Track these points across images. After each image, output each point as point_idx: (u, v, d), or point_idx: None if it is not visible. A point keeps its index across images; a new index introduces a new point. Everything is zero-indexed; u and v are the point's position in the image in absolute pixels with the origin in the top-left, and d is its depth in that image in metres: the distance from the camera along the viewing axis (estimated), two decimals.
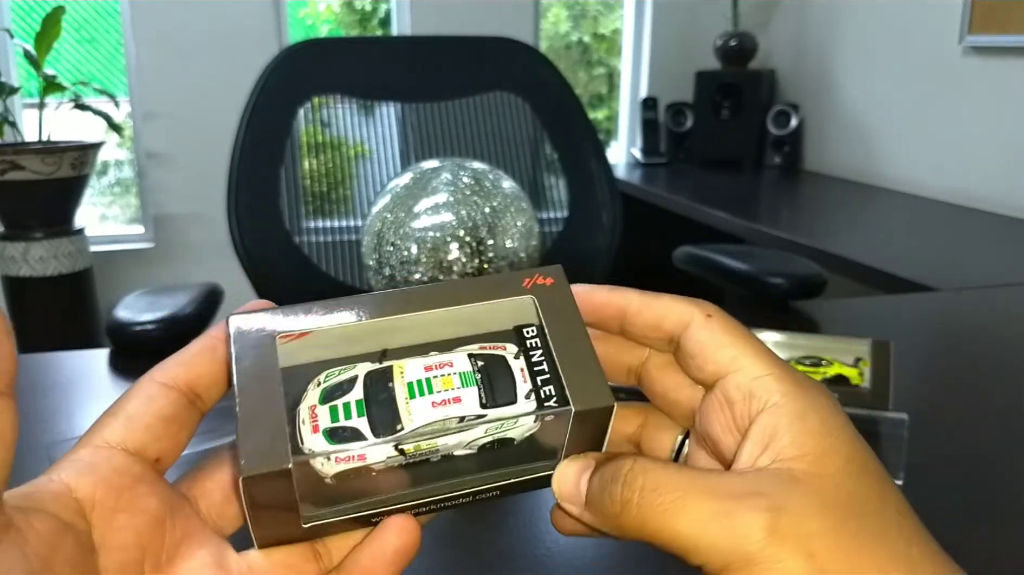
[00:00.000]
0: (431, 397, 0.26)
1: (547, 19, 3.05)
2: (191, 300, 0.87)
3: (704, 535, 0.23)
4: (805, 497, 0.23)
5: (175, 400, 0.26)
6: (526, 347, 0.28)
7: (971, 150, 2.06)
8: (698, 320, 0.28)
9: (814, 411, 0.26)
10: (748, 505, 0.23)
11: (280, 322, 0.26)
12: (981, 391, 0.73)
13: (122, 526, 0.24)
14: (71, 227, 2.43)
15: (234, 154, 1.12)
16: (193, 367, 0.26)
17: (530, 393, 0.27)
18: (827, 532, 0.23)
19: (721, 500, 0.24)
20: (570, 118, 1.24)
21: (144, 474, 0.25)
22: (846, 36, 2.50)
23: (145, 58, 2.64)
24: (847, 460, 0.25)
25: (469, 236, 0.78)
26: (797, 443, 0.25)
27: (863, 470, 0.25)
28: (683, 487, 0.24)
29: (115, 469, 0.24)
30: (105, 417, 0.25)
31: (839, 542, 0.23)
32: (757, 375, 0.26)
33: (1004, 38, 1.94)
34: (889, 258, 1.49)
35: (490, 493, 0.28)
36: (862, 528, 0.23)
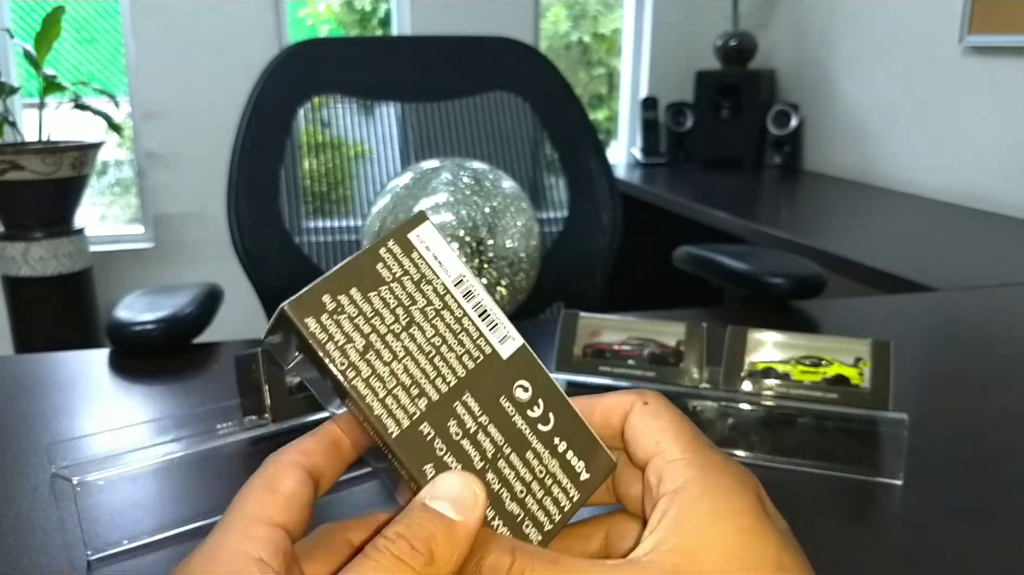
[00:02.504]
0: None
1: (547, 19, 3.05)
2: (191, 300, 0.87)
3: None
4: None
5: (312, 487, 0.27)
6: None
7: (971, 150, 2.06)
8: (636, 407, 0.29)
9: (708, 496, 0.26)
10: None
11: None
12: (981, 391, 0.73)
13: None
14: (71, 227, 2.43)
15: (234, 154, 1.12)
16: (317, 456, 0.27)
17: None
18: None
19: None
20: (570, 118, 1.24)
21: (294, 556, 0.26)
22: (846, 36, 2.50)
23: (145, 58, 2.64)
24: (726, 555, 0.24)
25: (469, 236, 0.78)
26: (677, 532, 0.25)
27: (742, 567, 0.24)
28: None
29: (284, 547, 0.25)
30: (264, 494, 0.26)
31: None
32: (671, 458, 0.27)
33: (1004, 38, 1.94)
34: (889, 258, 1.49)
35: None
36: None
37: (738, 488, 0.26)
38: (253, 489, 0.26)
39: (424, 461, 0.26)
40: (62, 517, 0.51)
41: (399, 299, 0.27)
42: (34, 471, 0.58)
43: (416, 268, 0.28)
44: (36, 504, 0.53)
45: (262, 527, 0.25)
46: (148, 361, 0.79)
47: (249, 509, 0.25)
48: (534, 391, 0.29)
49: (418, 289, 0.28)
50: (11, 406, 0.70)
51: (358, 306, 0.27)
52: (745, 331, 0.63)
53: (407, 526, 0.24)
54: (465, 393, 0.28)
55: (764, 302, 0.97)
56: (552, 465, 0.29)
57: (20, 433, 0.64)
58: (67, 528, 0.50)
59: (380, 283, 0.27)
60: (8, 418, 0.67)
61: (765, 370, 0.62)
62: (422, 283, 0.28)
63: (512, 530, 0.27)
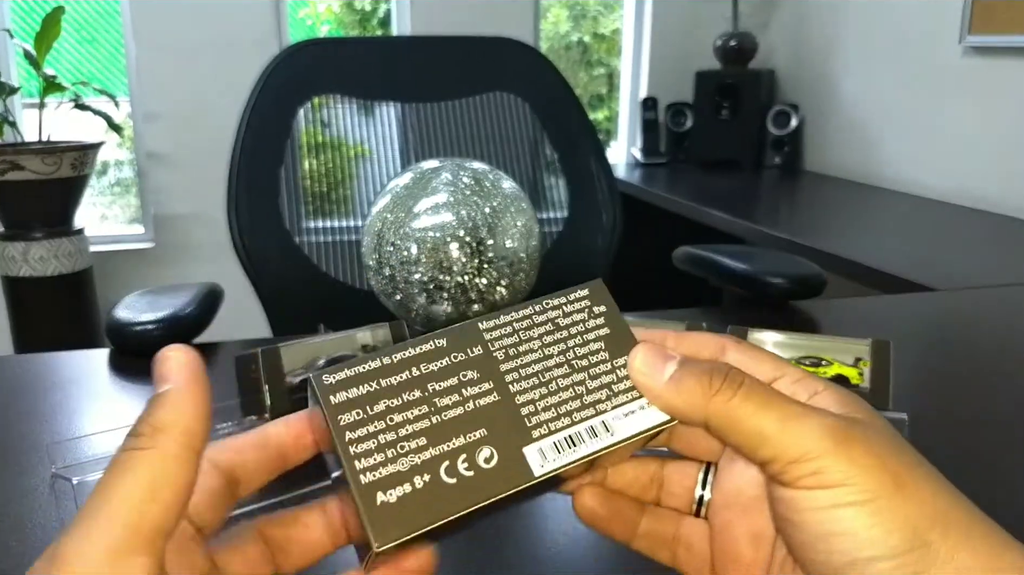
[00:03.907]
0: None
1: (547, 19, 3.05)
2: (191, 300, 0.87)
3: (786, 429, 0.26)
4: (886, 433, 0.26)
5: (222, 483, 0.28)
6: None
7: (971, 150, 2.06)
8: (730, 344, 0.30)
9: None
10: (834, 415, 0.26)
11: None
12: (981, 391, 0.73)
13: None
14: (71, 227, 2.43)
15: (234, 154, 1.12)
16: (241, 455, 0.28)
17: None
18: (908, 456, 0.26)
19: (810, 407, 0.26)
20: (570, 118, 1.24)
21: (199, 542, 0.27)
22: (846, 36, 2.50)
23: (145, 58, 2.64)
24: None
25: (469, 236, 0.78)
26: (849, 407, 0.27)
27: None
28: (773, 392, 0.27)
29: (182, 533, 0.26)
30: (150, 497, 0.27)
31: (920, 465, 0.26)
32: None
33: (1004, 38, 1.94)
34: (889, 258, 1.49)
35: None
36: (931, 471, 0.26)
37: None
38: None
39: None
40: (62, 517, 0.51)
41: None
42: (34, 471, 0.58)
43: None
44: (36, 504, 0.53)
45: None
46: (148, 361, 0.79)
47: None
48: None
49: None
50: (11, 406, 0.70)
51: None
52: (745, 331, 0.63)
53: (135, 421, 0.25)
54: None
55: (764, 302, 0.97)
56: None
57: (20, 433, 0.64)
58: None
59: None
60: (8, 418, 0.67)
61: None
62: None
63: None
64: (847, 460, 0.25)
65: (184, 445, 0.23)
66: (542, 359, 0.29)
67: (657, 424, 0.29)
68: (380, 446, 0.26)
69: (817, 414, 0.26)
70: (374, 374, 0.27)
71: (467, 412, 0.27)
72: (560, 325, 0.30)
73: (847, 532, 0.25)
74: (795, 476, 0.25)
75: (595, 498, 0.31)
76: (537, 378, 0.29)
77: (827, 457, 0.25)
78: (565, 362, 0.29)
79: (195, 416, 0.24)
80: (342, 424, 0.26)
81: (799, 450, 0.25)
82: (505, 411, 0.28)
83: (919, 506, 0.25)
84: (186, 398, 0.24)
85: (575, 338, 0.30)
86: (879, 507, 0.25)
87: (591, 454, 0.28)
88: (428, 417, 0.27)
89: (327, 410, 0.26)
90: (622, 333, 0.30)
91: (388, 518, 0.25)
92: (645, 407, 0.29)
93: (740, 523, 0.30)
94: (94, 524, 0.22)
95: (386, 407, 0.27)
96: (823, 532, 0.25)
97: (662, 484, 0.32)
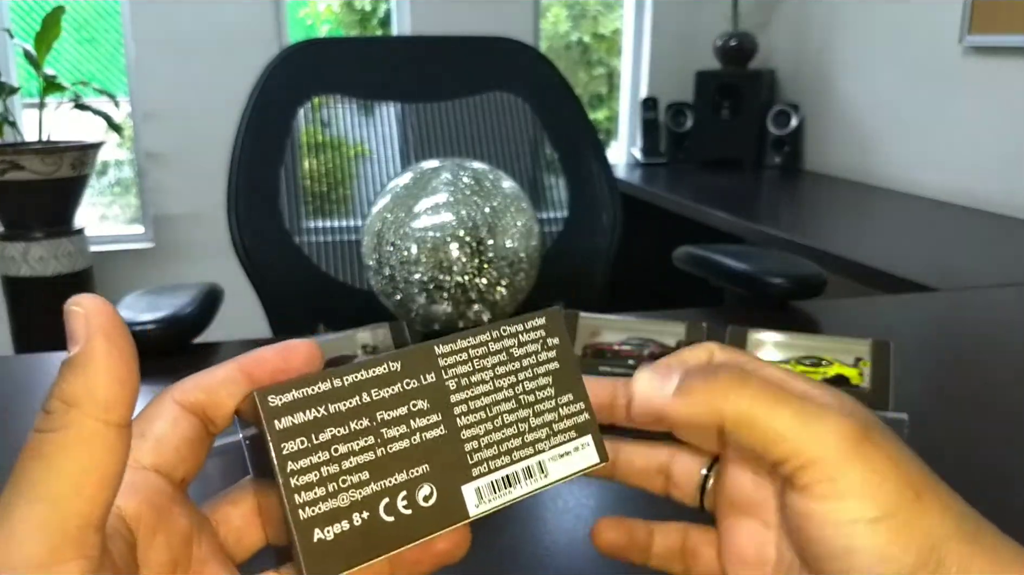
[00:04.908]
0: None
1: (547, 19, 3.05)
2: (191, 300, 0.87)
3: (803, 428, 0.25)
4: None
5: (195, 424, 0.26)
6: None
7: (971, 150, 2.06)
8: (716, 349, 0.30)
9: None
10: (850, 416, 0.25)
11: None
12: (981, 391, 0.73)
13: (160, 544, 0.24)
14: (71, 227, 2.43)
15: (234, 154, 1.12)
16: (213, 395, 0.26)
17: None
18: (918, 462, 0.26)
19: (824, 405, 0.26)
20: (570, 118, 1.24)
21: (175, 495, 0.25)
22: (846, 36, 2.50)
23: (145, 58, 2.64)
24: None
25: (469, 236, 0.78)
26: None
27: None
28: (786, 390, 0.26)
29: (153, 489, 0.24)
30: (134, 439, 0.25)
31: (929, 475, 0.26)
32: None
33: (1004, 38, 1.94)
34: (889, 258, 1.49)
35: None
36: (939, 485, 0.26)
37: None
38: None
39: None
40: None
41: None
42: None
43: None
44: None
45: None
46: (148, 361, 0.79)
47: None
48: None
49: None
50: (11, 406, 0.70)
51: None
52: (745, 331, 0.63)
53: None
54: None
55: (764, 302, 0.97)
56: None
57: (20, 433, 0.64)
58: None
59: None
60: (8, 418, 0.67)
61: None
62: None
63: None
64: (864, 467, 0.24)
65: (102, 420, 0.20)
66: (492, 391, 0.28)
67: (587, 466, 0.29)
68: (322, 479, 0.25)
69: (833, 414, 0.25)
70: (323, 398, 0.26)
71: (412, 445, 0.27)
72: (513, 355, 0.29)
73: (864, 549, 0.24)
74: (809, 480, 0.25)
75: (611, 530, 0.32)
76: (485, 412, 0.28)
77: (844, 463, 0.25)
78: (513, 396, 0.28)
79: (110, 382, 0.20)
80: (285, 453, 0.25)
81: (815, 452, 0.25)
82: (449, 446, 0.27)
83: (938, 518, 0.24)
84: (98, 362, 0.20)
85: (526, 371, 0.29)
86: (898, 523, 0.24)
87: (522, 495, 0.28)
88: (374, 449, 0.26)
89: (271, 436, 0.25)
90: (570, 369, 0.30)
91: (322, 555, 0.25)
92: (579, 448, 0.29)
93: (744, 523, 0.30)
94: (11, 532, 0.19)
95: (332, 436, 0.26)
96: (839, 548, 0.25)
97: (669, 475, 0.32)
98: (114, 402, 0.20)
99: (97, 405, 0.20)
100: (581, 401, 0.29)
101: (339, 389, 0.26)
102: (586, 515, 0.53)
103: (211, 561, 0.26)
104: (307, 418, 0.26)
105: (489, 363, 0.28)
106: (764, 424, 0.26)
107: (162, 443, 0.25)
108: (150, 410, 0.26)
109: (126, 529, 0.23)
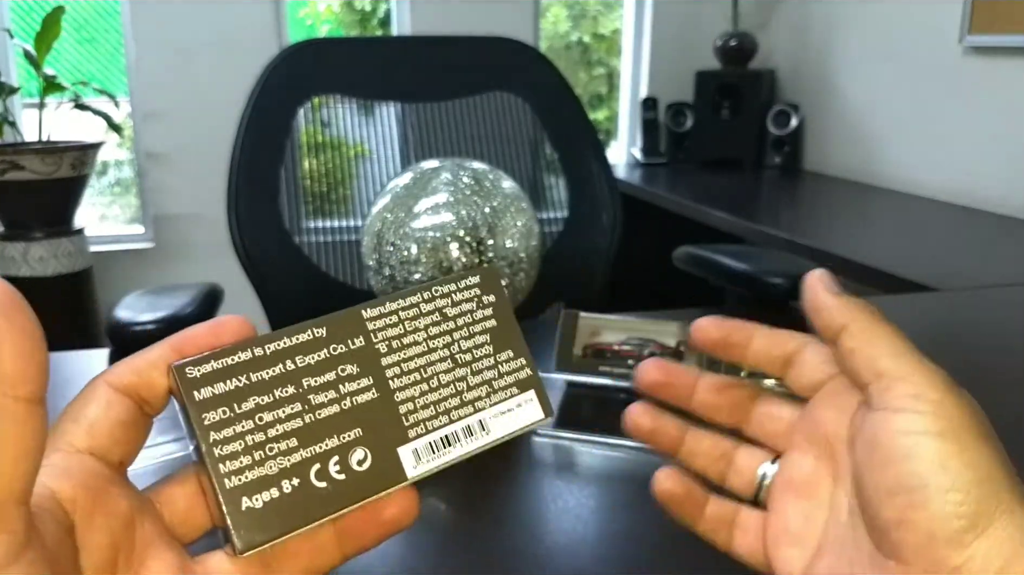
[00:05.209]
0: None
1: (547, 19, 3.05)
2: (191, 300, 0.87)
3: (909, 360, 0.28)
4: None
5: (130, 407, 0.26)
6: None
7: (971, 150, 2.06)
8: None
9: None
10: (943, 372, 0.29)
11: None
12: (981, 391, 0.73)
13: (99, 527, 0.24)
14: (71, 227, 2.43)
15: (234, 154, 1.12)
16: (145, 377, 0.26)
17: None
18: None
19: (937, 368, 0.29)
20: (570, 118, 1.24)
21: (113, 477, 0.25)
22: (846, 36, 2.50)
23: (145, 58, 2.64)
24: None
25: (469, 236, 0.78)
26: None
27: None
28: (903, 335, 0.30)
29: (89, 472, 0.24)
30: (66, 423, 0.25)
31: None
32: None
33: (1004, 38, 1.94)
34: (889, 258, 1.49)
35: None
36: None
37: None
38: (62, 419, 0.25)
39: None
40: None
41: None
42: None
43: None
44: None
45: (57, 455, 0.24)
46: None
47: (51, 438, 0.24)
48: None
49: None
50: None
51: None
52: None
53: None
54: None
55: (764, 302, 0.97)
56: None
57: None
58: None
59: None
60: None
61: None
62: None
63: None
64: (946, 397, 0.27)
65: (10, 396, 0.19)
66: (426, 352, 0.28)
67: (531, 422, 0.29)
68: (247, 447, 0.25)
69: (935, 365, 0.29)
70: (244, 367, 0.26)
71: (343, 410, 0.26)
72: (447, 315, 0.29)
73: (927, 457, 0.26)
74: (896, 395, 0.27)
75: (671, 479, 0.33)
76: (419, 373, 0.28)
77: (930, 389, 0.27)
78: (449, 356, 0.28)
79: (14, 356, 0.19)
80: (207, 424, 0.25)
81: (910, 373, 0.28)
82: (382, 409, 0.27)
83: (999, 455, 0.26)
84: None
85: (461, 330, 0.29)
86: (964, 444, 0.26)
87: (464, 454, 0.27)
88: (301, 416, 0.26)
89: (190, 408, 0.25)
90: (508, 326, 0.29)
91: (252, 523, 0.25)
92: (522, 404, 0.29)
93: (794, 504, 0.31)
94: None
95: (255, 405, 0.26)
96: (903, 454, 0.26)
97: (731, 462, 0.33)
98: (20, 377, 0.19)
99: (3, 381, 0.19)
100: (521, 357, 0.29)
101: (261, 358, 0.26)
102: (586, 515, 0.53)
103: (156, 542, 0.26)
104: (228, 388, 0.25)
105: (421, 324, 0.28)
106: (879, 340, 0.29)
107: (96, 426, 0.25)
108: (83, 394, 0.26)
109: (61, 512, 0.23)
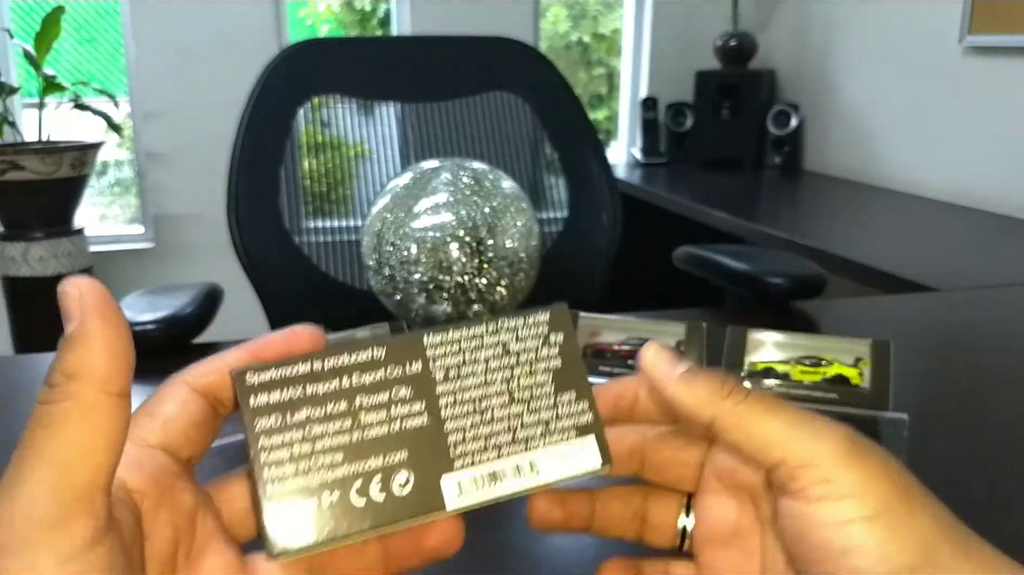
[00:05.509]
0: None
1: (547, 19, 3.05)
2: (191, 300, 0.87)
3: (797, 433, 0.26)
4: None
5: (204, 407, 0.27)
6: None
7: (971, 150, 2.06)
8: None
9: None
10: (840, 427, 0.26)
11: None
12: (981, 391, 0.73)
13: (164, 520, 0.25)
14: (71, 227, 2.43)
15: (234, 154, 1.12)
16: (222, 376, 0.27)
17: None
18: (908, 474, 0.27)
19: (818, 416, 0.26)
20: (570, 118, 1.24)
21: (180, 473, 0.26)
22: (846, 36, 2.50)
23: (145, 58, 2.64)
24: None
25: (469, 236, 0.78)
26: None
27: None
28: (782, 400, 0.27)
29: (158, 467, 0.25)
30: (142, 418, 0.26)
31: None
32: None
33: (1004, 38, 1.94)
34: (889, 258, 1.49)
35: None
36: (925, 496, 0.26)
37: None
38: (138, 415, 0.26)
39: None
40: None
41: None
42: None
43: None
44: None
45: (131, 447, 0.24)
46: (148, 361, 0.79)
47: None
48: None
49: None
50: (11, 406, 0.70)
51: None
52: (745, 331, 0.63)
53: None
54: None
55: (764, 302, 0.97)
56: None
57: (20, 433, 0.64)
58: None
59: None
60: (8, 418, 0.67)
61: (765, 370, 0.62)
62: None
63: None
64: (858, 470, 0.25)
65: (103, 391, 0.21)
66: (482, 385, 0.28)
67: (587, 470, 0.28)
68: (293, 457, 0.26)
69: (827, 423, 0.26)
70: (301, 379, 0.26)
71: (391, 433, 0.26)
72: (509, 350, 0.28)
73: (861, 548, 0.24)
74: (804, 483, 0.25)
75: (548, 501, 0.31)
76: (472, 404, 0.27)
77: (838, 466, 0.25)
78: (506, 391, 0.28)
79: (108, 356, 0.21)
80: (258, 429, 0.25)
81: (809, 455, 0.25)
82: (431, 436, 0.27)
83: (930, 519, 0.25)
84: (95, 337, 0.21)
85: (523, 366, 0.28)
86: (892, 522, 0.24)
87: (511, 492, 0.27)
88: (349, 432, 0.26)
89: (245, 411, 0.26)
90: (574, 367, 0.28)
91: (287, 530, 0.25)
92: (579, 449, 0.28)
93: (724, 556, 0.30)
94: (22, 494, 0.20)
95: (307, 417, 0.26)
96: (836, 548, 0.25)
97: (644, 519, 0.32)
98: (112, 373, 0.21)
99: (97, 377, 0.21)
100: (585, 400, 0.28)
101: (319, 372, 0.26)
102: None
103: (214, 538, 0.26)
104: (283, 397, 0.26)
105: (482, 356, 0.28)
106: (758, 429, 0.26)
107: (170, 424, 0.26)
108: (162, 391, 0.27)
109: (131, 501, 0.24)
